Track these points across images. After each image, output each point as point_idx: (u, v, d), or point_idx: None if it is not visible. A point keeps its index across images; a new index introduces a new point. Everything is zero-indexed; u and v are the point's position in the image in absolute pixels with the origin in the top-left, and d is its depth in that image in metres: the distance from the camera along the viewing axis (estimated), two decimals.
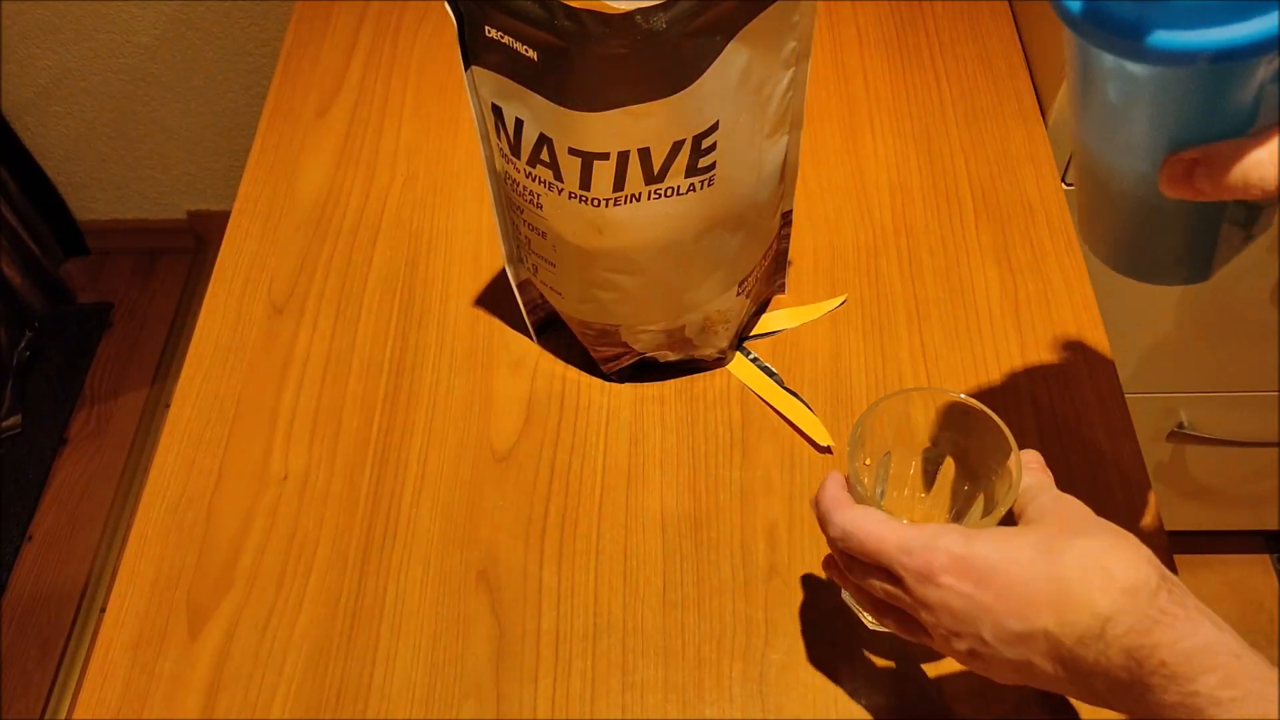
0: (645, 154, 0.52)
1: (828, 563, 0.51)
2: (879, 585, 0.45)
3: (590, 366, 0.67)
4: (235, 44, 1.49)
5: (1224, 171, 0.37)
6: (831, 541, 0.47)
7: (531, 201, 0.57)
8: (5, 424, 1.62)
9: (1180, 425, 1.10)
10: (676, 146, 0.53)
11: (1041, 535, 0.42)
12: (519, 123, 0.54)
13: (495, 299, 0.71)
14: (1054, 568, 0.41)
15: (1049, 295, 0.70)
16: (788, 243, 0.67)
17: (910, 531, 0.44)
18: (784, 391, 0.66)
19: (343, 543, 0.61)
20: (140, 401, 1.68)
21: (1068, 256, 0.72)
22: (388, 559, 0.60)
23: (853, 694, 0.55)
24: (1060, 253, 0.72)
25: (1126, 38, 0.36)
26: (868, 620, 0.56)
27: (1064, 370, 0.66)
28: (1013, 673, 0.42)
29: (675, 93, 0.50)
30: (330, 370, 0.68)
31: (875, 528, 0.44)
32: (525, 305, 0.67)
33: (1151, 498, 0.62)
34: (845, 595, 0.57)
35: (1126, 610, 0.38)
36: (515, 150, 0.55)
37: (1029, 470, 0.48)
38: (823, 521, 0.47)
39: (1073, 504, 0.45)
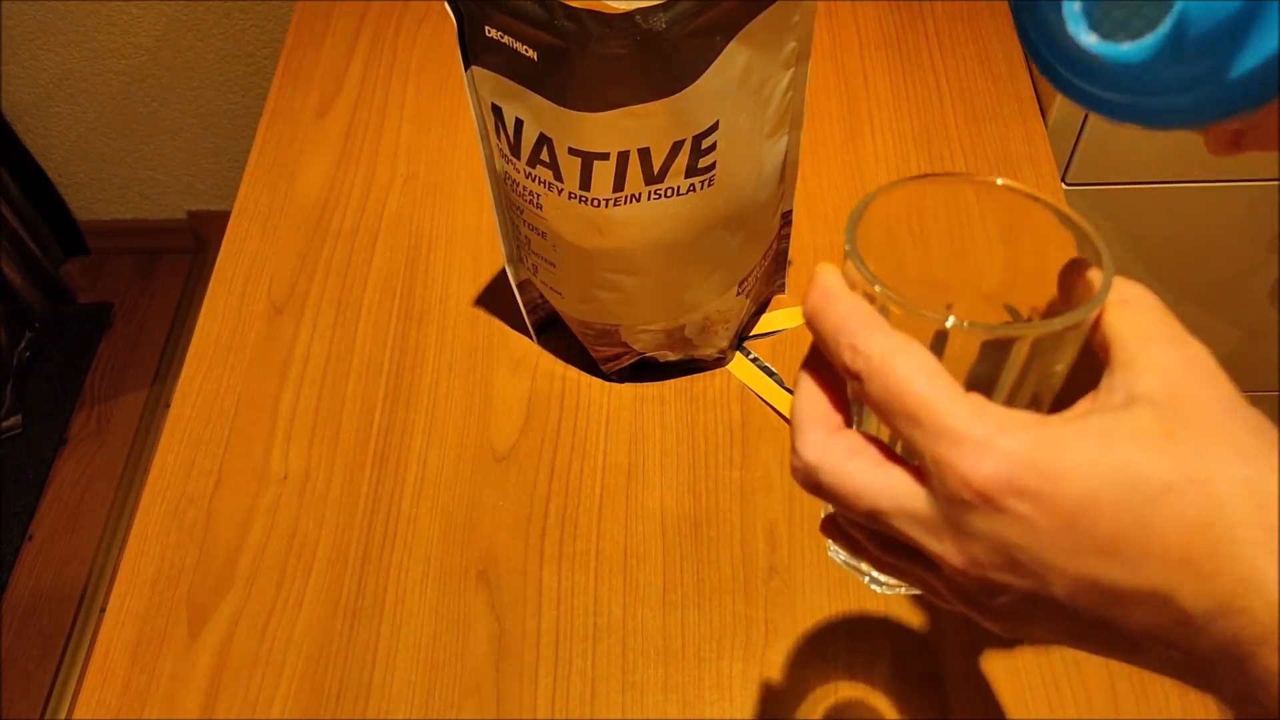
0: (645, 154, 0.52)
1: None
2: (872, 480, 0.29)
3: (590, 366, 0.67)
4: (236, 45, 1.49)
5: (1272, 134, 0.33)
6: (838, 366, 0.31)
7: (531, 202, 0.57)
8: (5, 424, 1.62)
9: None
10: (676, 146, 0.52)
11: (1181, 451, 0.26)
12: (519, 123, 0.54)
13: (495, 299, 0.71)
14: (1204, 507, 0.26)
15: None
16: (788, 242, 0.67)
17: (970, 408, 0.27)
18: (784, 391, 0.66)
19: (343, 543, 0.61)
20: (140, 401, 1.68)
21: None
22: (388, 559, 0.60)
23: (853, 694, 0.55)
24: None
25: (1119, 118, 0.33)
26: (876, 580, 0.49)
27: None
28: (1066, 635, 0.29)
29: (675, 93, 0.50)
30: (330, 370, 0.68)
31: (917, 378, 0.28)
32: (525, 305, 0.67)
33: None
34: (833, 552, 0.50)
35: None
36: (515, 150, 0.55)
37: (1123, 284, 0.30)
38: (831, 340, 0.30)
39: (1214, 377, 0.28)
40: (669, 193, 0.54)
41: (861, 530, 0.33)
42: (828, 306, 0.31)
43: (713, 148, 0.53)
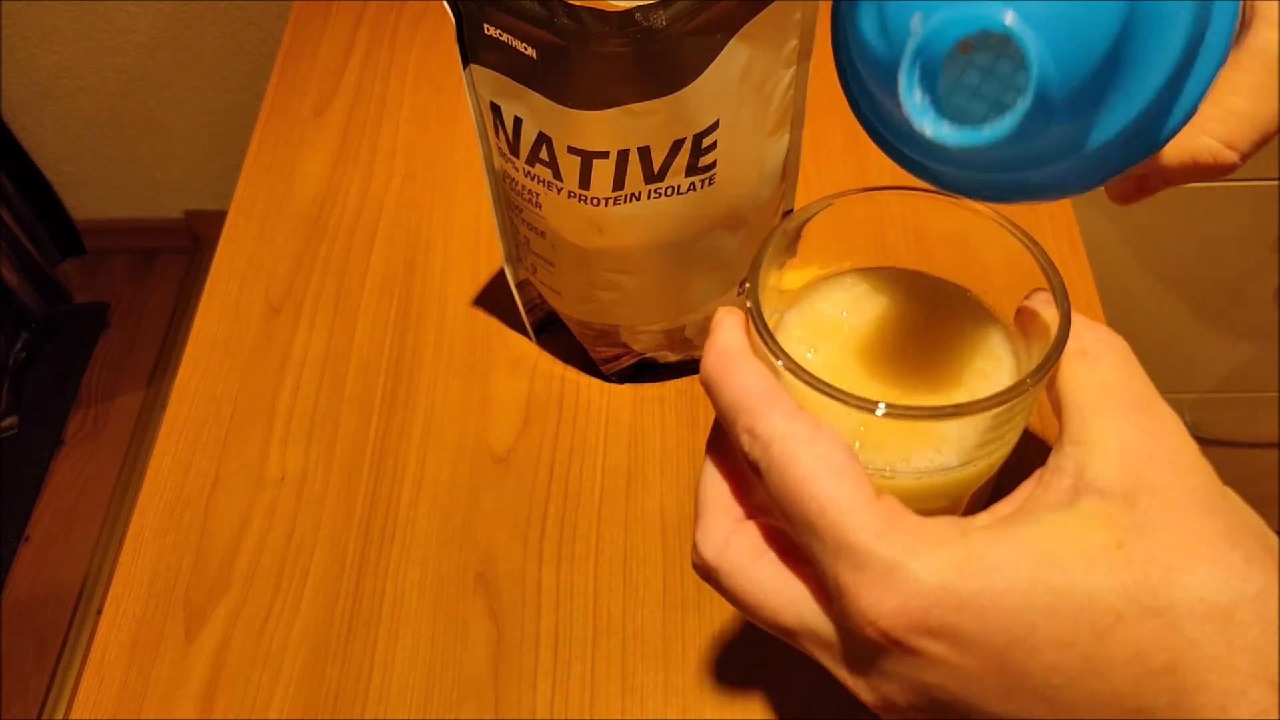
0: (645, 153, 0.52)
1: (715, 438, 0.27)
2: (777, 591, 0.25)
3: (590, 367, 0.67)
4: (233, 43, 1.49)
5: (1178, 173, 0.29)
6: (737, 450, 0.26)
7: (530, 200, 0.57)
8: (2, 425, 1.61)
9: None
10: (677, 145, 0.52)
11: (1134, 567, 0.21)
12: (518, 121, 0.53)
13: (494, 299, 0.71)
14: (1164, 643, 0.21)
15: None
16: None
17: (877, 519, 0.23)
18: None
19: (340, 545, 0.60)
20: (137, 402, 1.67)
21: (1070, 256, 0.71)
22: (385, 561, 0.60)
23: (854, 696, 0.54)
24: (1063, 253, 0.72)
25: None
26: None
27: None
28: None
29: (675, 91, 0.50)
30: (327, 371, 0.68)
31: (818, 477, 0.23)
32: (524, 305, 0.67)
33: None
34: None
35: None
36: (514, 149, 0.55)
37: (1085, 330, 0.26)
38: (729, 418, 0.25)
39: (1182, 457, 0.25)
40: (669, 191, 0.54)
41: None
42: (725, 375, 0.26)
43: (713, 146, 0.53)
